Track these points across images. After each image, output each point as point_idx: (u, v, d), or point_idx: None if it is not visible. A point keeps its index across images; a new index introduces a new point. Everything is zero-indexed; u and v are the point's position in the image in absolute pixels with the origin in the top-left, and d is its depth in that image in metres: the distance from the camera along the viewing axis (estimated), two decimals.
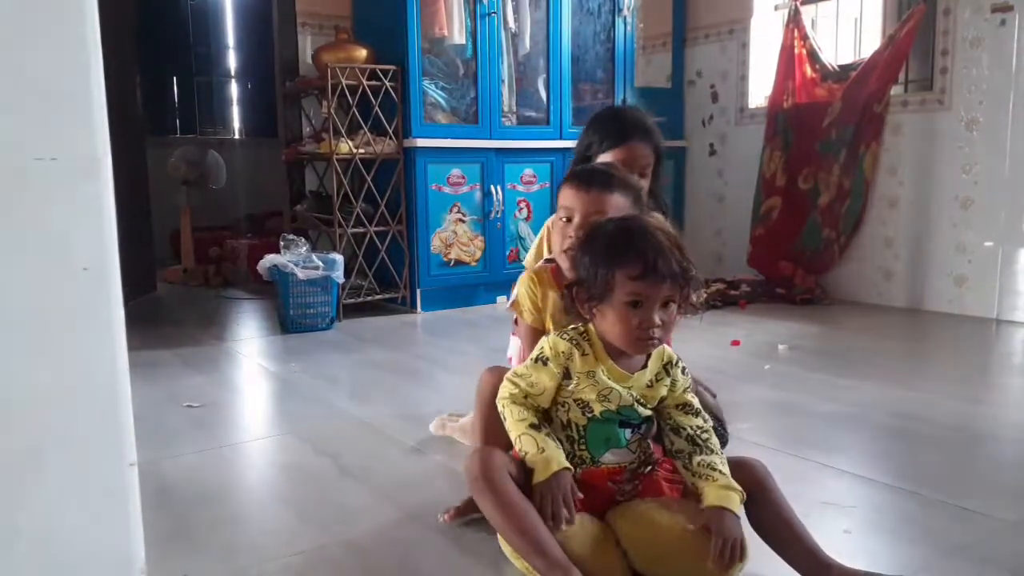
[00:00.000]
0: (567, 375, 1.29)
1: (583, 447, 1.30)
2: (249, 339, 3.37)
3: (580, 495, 1.23)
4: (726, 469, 1.26)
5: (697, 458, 1.27)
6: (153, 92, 5.69)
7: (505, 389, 1.33)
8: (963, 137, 3.58)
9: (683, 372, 1.36)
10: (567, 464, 1.23)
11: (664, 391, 1.33)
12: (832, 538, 1.35)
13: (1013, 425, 2.15)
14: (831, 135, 4.02)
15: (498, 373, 1.54)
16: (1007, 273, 3.48)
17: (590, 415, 1.28)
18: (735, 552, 1.16)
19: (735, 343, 3.10)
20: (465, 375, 2.81)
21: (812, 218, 4.14)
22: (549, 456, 1.22)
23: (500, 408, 1.32)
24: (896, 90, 3.87)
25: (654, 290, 1.21)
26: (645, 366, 1.31)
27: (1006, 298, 3.50)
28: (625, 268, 1.21)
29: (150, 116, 5.32)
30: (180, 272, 5.01)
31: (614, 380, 1.28)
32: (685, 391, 1.35)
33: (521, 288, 1.59)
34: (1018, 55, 3.37)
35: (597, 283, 1.24)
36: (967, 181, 3.58)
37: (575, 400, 1.29)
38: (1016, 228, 3.42)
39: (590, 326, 1.31)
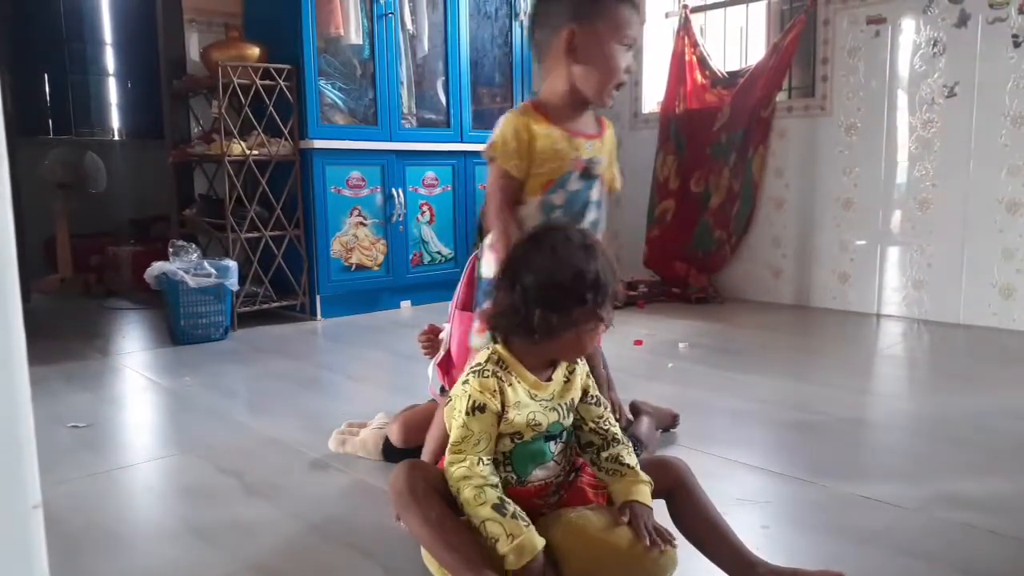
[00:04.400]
0: (503, 409, 1.22)
1: (509, 468, 1.25)
2: (137, 352, 3.19)
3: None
4: (632, 459, 1.27)
5: (604, 453, 1.28)
6: (23, 90, 5.30)
7: (457, 469, 1.18)
8: (843, 141, 3.78)
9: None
10: (539, 545, 1.15)
11: (579, 383, 1.31)
12: (752, 534, 1.38)
13: (899, 413, 2.27)
14: (721, 139, 4.16)
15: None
16: (884, 270, 3.70)
17: (519, 440, 1.24)
18: (663, 533, 1.18)
19: (638, 343, 3.16)
20: (369, 383, 2.75)
21: (704, 220, 4.27)
22: (523, 544, 1.12)
23: (455, 489, 1.18)
24: (781, 96, 4.05)
25: (604, 319, 1.23)
26: (555, 366, 1.30)
27: (884, 293, 3.71)
28: (584, 315, 1.19)
29: (20, 115, 4.95)
30: (57, 282, 4.69)
31: (539, 393, 1.25)
32: (587, 376, 1.34)
33: (506, 128, 1.44)
34: (891, 64, 3.58)
35: (547, 325, 1.19)
36: (847, 183, 3.78)
37: (508, 434, 1.23)
38: (891, 227, 3.64)
39: (500, 349, 1.25)
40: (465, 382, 1.23)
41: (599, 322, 1.21)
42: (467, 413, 1.19)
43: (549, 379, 1.27)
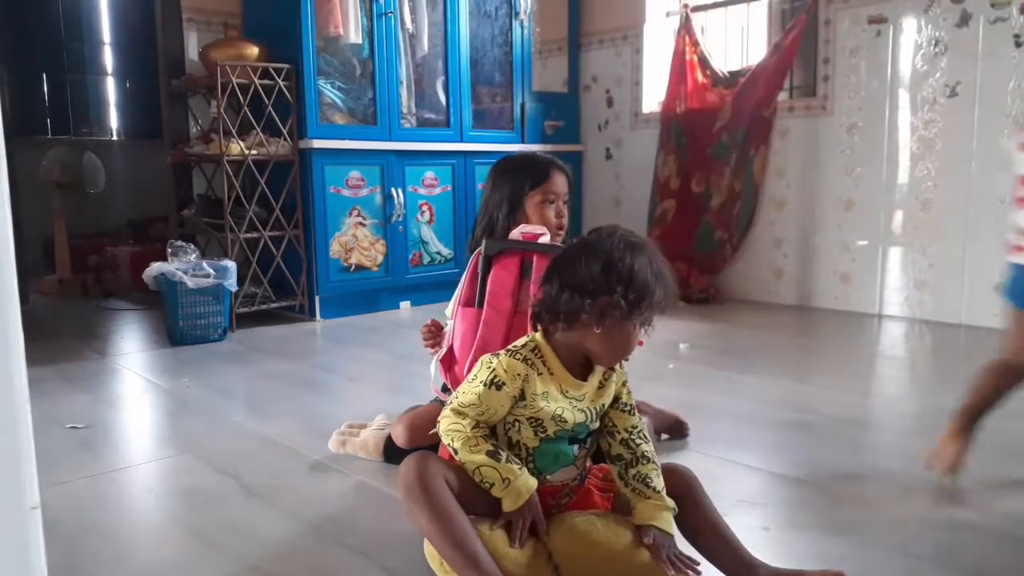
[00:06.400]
0: (521, 396, 1.22)
1: (531, 465, 1.24)
2: (135, 353, 3.17)
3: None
4: (659, 483, 1.25)
5: (632, 470, 1.26)
6: (21, 90, 5.29)
7: (451, 423, 1.22)
8: (844, 141, 3.76)
9: (620, 365, 1.33)
10: (533, 485, 1.18)
11: (612, 391, 1.30)
12: (752, 536, 1.37)
13: (900, 414, 2.26)
14: (722, 139, 4.15)
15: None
16: (886, 270, 3.69)
17: (543, 435, 1.23)
18: (686, 561, 1.17)
19: (639, 343, 3.14)
20: (368, 384, 2.74)
21: (705, 220, 4.26)
22: (519, 487, 1.17)
23: (447, 441, 1.23)
24: (782, 96, 4.03)
25: (634, 320, 1.20)
26: (592, 369, 1.28)
27: (886, 294, 3.70)
28: (610, 306, 1.18)
29: (18, 115, 4.94)
30: (55, 282, 4.68)
31: (571, 391, 1.24)
32: (623, 384, 1.33)
33: None
34: (892, 63, 3.57)
35: (572, 308, 1.18)
36: (849, 183, 3.76)
37: (528, 419, 1.23)
38: (893, 228, 3.63)
39: (539, 338, 1.25)
40: (496, 356, 1.24)
41: (627, 321, 1.18)
42: (485, 384, 1.21)
43: (585, 380, 1.26)
